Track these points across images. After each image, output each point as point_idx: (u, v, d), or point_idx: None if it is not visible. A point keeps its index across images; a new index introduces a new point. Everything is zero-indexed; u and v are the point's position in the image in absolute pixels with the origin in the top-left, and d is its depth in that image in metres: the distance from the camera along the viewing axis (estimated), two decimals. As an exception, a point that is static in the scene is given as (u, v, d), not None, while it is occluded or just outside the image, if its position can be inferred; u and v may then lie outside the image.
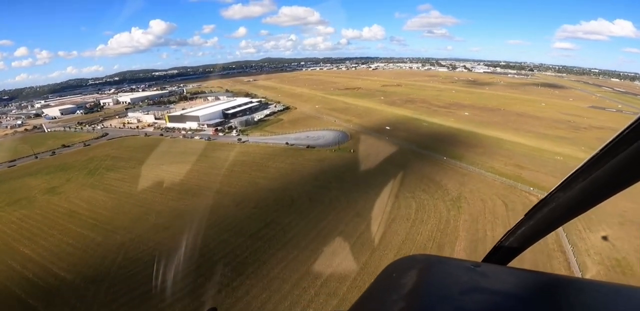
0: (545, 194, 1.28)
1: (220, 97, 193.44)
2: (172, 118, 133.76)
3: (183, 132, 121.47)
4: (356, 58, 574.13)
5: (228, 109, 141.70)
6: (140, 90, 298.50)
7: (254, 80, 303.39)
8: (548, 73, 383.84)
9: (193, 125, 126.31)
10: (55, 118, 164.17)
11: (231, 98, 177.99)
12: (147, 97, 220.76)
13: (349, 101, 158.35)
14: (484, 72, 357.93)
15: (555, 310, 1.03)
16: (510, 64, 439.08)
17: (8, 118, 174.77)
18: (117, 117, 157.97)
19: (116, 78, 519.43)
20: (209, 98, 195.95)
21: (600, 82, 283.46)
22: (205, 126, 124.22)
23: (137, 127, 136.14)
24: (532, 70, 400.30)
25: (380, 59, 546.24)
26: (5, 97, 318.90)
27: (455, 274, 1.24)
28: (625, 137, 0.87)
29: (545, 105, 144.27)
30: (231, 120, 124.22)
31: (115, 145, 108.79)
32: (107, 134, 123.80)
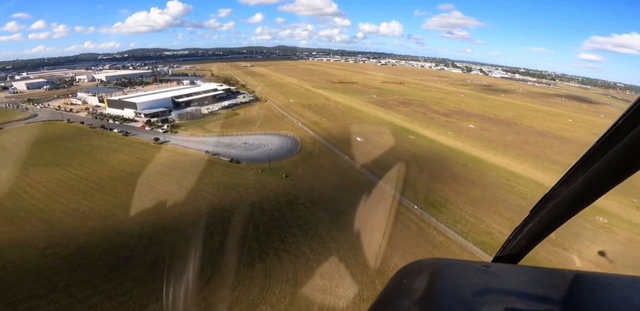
0: (548, 190, 1.21)
1: (197, 82, 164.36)
2: (112, 103, 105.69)
3: (111, 121, 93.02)
4: (371, 53, 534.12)
5: (180, 97, 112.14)
6: (130, 68, 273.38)
7: (251, 66, 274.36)
8: (571, 84, 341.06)
9: (130, 113, 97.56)
10: (18, 92, 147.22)
11: (195, 85, 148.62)
12: (123, 76, 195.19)
13: (333, 97, 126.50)
14: (500, 77, 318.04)
15: (572, 306, 0.99)
16: (530, 72, 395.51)
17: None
18: (70, 96, 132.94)
19: (126, 55, 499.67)
20: (184, 81, 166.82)
21: (629, 98, 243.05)
22: (142, 115, 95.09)
23: (72, 109, 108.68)
24: (554, 80, 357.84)
25: (395, 55, 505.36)
26: (9, 67, 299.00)
27: (466, 276, 1.18)
28: (620, 127, 0.85)
29: (572, 122, 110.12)
30: (172, 112, 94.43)
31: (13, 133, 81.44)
32: (36, 116, 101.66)
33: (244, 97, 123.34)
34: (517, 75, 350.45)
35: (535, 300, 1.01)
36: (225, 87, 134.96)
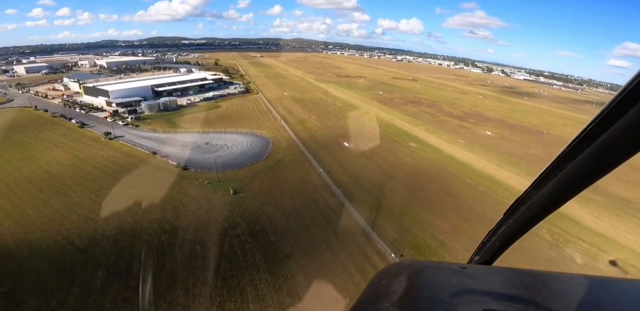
0: (520, 193, 1.22)
1: (193, 70, 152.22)
2: (87, 91, 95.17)
3: (78, 110, 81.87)
4: (388, 49, 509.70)
5: (162, 85, 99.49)
6: (140, 55, 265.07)
7: (261, 56, 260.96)
8: (600, 90, 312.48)
9: (102, 101, 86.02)
10: (16, 76, 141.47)
11: (191, 73, 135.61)
12: (125, 63, 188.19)
13: (333, 92, 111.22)
14: (524, 79, 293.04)
15: (544, 305, 0.99)
16: (555, 75, 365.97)
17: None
18: (58, 81, 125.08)
19: (144, 43, 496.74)
20: (182, 69, 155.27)
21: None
22: (114, 104, 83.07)
23: (47, 95, 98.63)
24: (581, 85, 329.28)
25: (414, 53, 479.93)
26: (28, 51, 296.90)
27: (443, 277, 1.19)
28: (589, 133, 0.85)
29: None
30: (142, 103, 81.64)
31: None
32: (11, 101, 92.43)
33: (235, 88, 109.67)
34: (541, 78, 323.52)
35: (509, 300, 1.03)
36: (217, 76, 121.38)
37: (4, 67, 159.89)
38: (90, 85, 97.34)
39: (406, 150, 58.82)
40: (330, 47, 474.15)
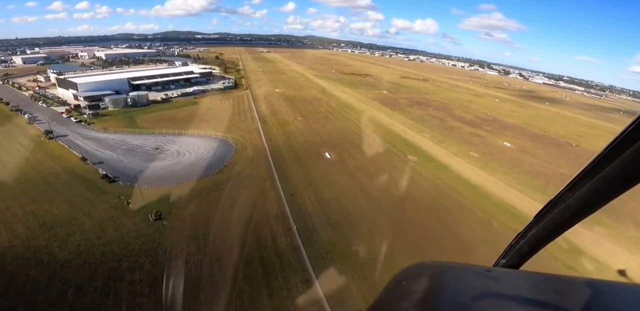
0: (554, 195, 1.17)
1: (189, 63, 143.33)
2: (60, 83, 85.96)
3: (40, 104, 72.37)
4: (402, 49, 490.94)
5: (140, 78, 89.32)
6: (145, 48, 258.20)
7: (267, 51, 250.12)
8: (623, 96, 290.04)
9: (70, 94, 76.49)
10: (10, 66, 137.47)
11: (179, 66, 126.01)
12: (124, 55, 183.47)
13: (331, 90, 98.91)
14: (543, 83, 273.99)
15: None
16: (575, 80, 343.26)
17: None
18: (42, 72, 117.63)
19: (158, 36, 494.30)
20: (177, 62, 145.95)
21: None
22: (82, 98, 73.23)
23: (21, 87, 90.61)
24: (604, 91, 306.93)
25: (428, 53, 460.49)
26: (41, 43, 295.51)
27: (467, 280, 1.13)
28: (629, 135, 0.82)
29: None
30: (105, 97, 71.08)
31: None
32: None
33: (223, 82, 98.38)
34: (561, 83, 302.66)
35: (535, 306, 0.97)
36: (206, 70, 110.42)
37: (3, 58, 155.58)
38: (62, 77, 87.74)
39: (402, 166, 46.23)
40: (342, 45, 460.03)
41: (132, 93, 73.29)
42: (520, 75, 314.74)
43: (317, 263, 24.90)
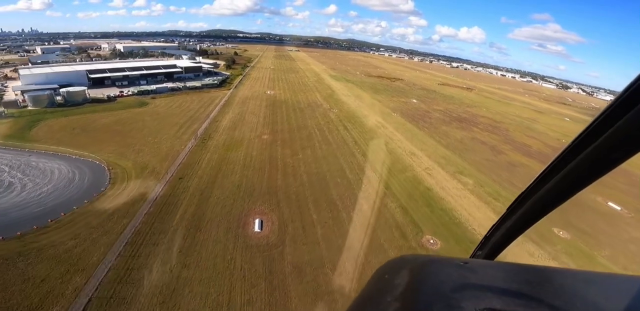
0: (524, 189, 1.20)
1: (195, 58, 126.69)
2: (22, 76, 68.86)
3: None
4: (445, 57, 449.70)
5: (101, 71, 70.62)
6: (176, 43, 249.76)
7: (297, 50, 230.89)
8: None
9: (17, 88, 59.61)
10: (25, 56, 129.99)
11: (186, 60, 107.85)
12: (142, 48, 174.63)
13: (343, 95, 73.61)
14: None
15: (546, 301, 0.97)
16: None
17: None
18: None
19: (203, 34, 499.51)
20: (184, 56, 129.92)
21: None
22: (20, 93, 55.56)
23: None
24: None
25: (472, 62, 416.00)
26: (92, 36, 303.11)
27: (446, 272, 1.16)
28: (592, 132, 0.86)
29: None
30: (25, 95, 52.04)
31: None
32: None
33: (209, 79, 77.05)
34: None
35: (511, 295, 1.00)
36: (194, 65, 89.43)
37: (26, 47, 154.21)
38: (23, 68, 71.44)
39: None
40: (381, 49, 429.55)
41: (62, 90, 53.83)
42: (583, 90, 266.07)
43: None
